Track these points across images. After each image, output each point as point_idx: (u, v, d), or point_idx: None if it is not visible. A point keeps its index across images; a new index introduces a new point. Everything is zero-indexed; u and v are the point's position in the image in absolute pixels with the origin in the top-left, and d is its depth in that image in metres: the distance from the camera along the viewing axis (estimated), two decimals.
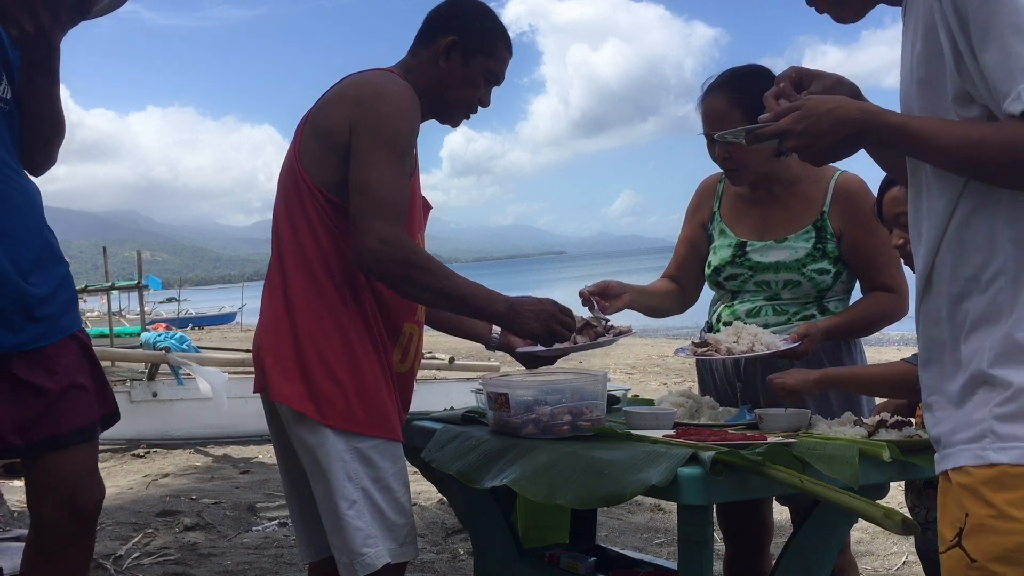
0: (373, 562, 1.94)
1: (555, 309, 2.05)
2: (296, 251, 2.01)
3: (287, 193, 2.04)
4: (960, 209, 1.28)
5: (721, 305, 2.47)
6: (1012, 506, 1.19)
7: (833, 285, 2.34)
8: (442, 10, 2.14)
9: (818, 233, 2.33)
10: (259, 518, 4.82)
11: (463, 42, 2.08)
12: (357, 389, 1.96)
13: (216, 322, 36.62)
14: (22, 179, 2.01)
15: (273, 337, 2.01)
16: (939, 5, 1.24)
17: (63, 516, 2.00)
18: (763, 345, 2.15)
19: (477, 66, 2.11)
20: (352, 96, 1.99)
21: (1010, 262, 1.24)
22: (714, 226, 2.50)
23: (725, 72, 2.35)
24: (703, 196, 2.57)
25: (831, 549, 2.01)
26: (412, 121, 2.00)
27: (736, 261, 2.39)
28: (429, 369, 8.83)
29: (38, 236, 2.01)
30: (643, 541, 4.29)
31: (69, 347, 2.03)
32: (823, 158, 1.39)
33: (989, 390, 1.24)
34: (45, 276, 2.00)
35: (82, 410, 2.03)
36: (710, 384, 2.49)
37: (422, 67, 2.10)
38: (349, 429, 1.95)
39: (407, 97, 1.99)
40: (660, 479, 1.58)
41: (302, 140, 2.03)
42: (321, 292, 1.98)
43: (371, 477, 1.96)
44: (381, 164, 1.92)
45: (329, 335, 1.97)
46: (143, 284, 11.67)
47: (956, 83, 1.25)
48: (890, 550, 4.06)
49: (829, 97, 1.38)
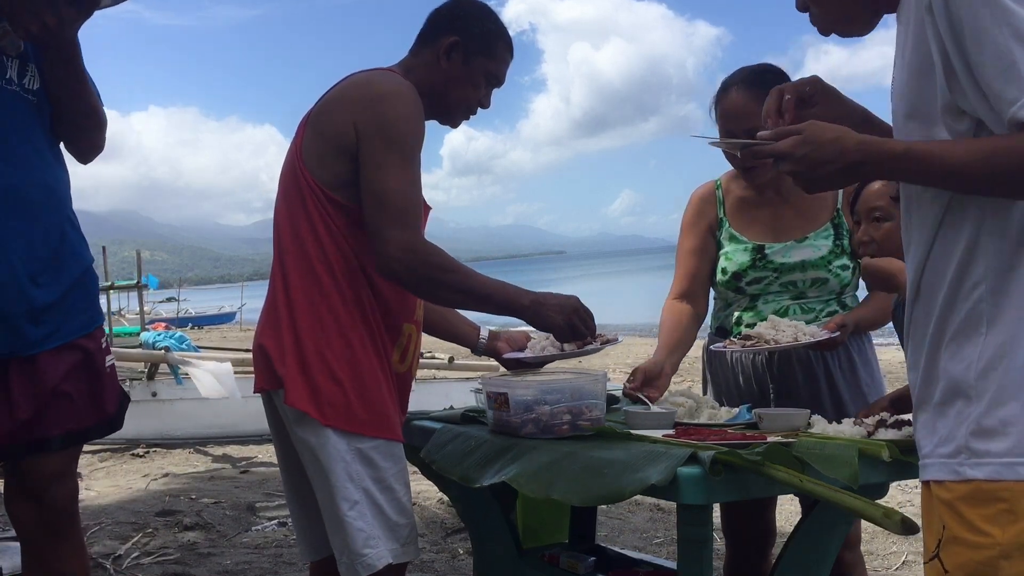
0: (374, 563, 1.93)
1: (579, 305, 2.06)
2: (296, 250, 2.00)
3: (288, 192, 2.04)
4: (947, 219, 1.29)
5: (737, 309, 2.45)
6: (986, 521, 1.21)
7: (852, 280, 2.38)
8: (444, 10, 2.14)
9: (836, 230, 2.36)
10: (259, 518, 4.82)
11: (465, 43, 2.08)
12: (358, 389, 1.96)
13: (216, 322, 36.63)
14: (47, 173, 1.99)
15: (274, 336, 2.00)
16: (930, 19, 1.23)
17: (35, 514, 2.02)
18: (807, 335, 2.15)
19: (478, 67, 2.11)
20: (355, 97, 1.98)
21: (991, 273, 1.24)
22: (723, 232, 2.48)
23: (742, 70, 2.36)
24: (701, 205, 2.53)
25: (831, 549, 2.01)
26: (419, 122, 2.00)
27: (757, 265, 2.38)
28: (429, 369, 8.84)
29: (55, 233, 1.99)
30: (643, 541, 4.29)
31: (67, 353, 2.02)
32: (818, 186, 1.38)
33: (966, 403, 1.25)
34: (59, 276, 1.99)
35: (68, 418, 2.03)
36: (732, 385, 2.45)
37: (423, 67, 2.10)
38: (350, 430, 1.94)
39: (411, 98, 1.98)
40: (660, 479, 1.58)
41: (304, 139, 2.03)
42: (322, 291, 1.98)
43: (373, 478, 1.96)
44: (394, 170, 1.92)
45: (329, 335, 1.96)
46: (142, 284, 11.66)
47: (945, 96, 1.24)
48: (890, 550, 4.06)
49: (831, 126, 1.36)
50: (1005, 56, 1.16)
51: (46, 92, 1.98)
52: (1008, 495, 1.20)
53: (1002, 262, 1.24)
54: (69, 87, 1.98)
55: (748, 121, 2.24)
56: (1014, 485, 1.20)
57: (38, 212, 1.95)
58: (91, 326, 2.09)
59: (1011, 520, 1.19)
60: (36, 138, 1.96)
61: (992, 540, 1.20)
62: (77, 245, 2.06)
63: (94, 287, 2.13)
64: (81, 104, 2.01)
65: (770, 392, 2.36)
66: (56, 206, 2.00)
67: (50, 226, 1.98)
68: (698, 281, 2.52)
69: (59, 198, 2.02)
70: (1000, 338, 1.23)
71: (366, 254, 1.98)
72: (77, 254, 2.05)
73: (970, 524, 1.22)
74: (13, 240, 1.90)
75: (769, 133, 1.41)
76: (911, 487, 4.86)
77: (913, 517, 1.43)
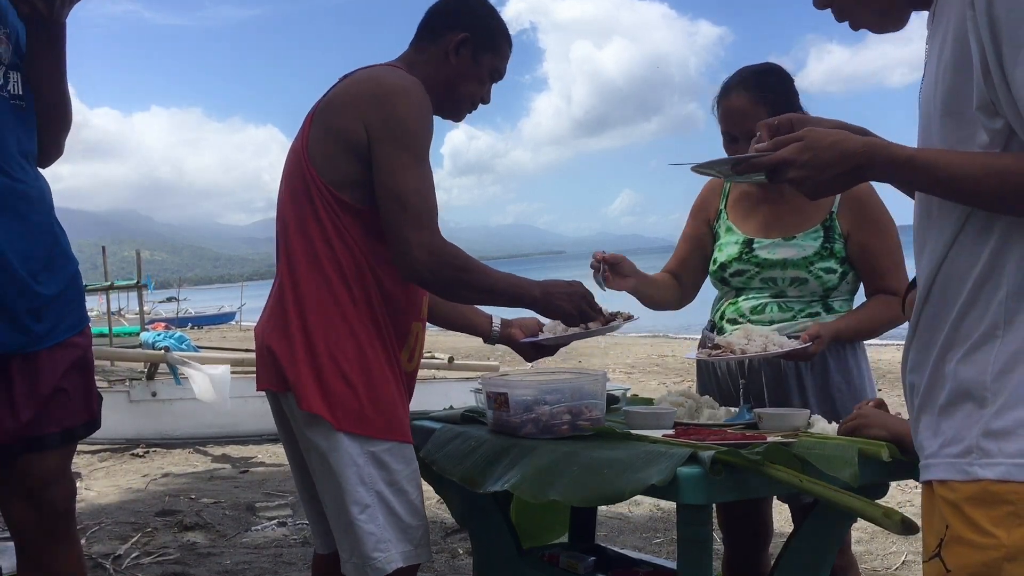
0: (383, 567, 1.92)
1: (584, 290, 2.10)
2: (305, 249, 1.99)
3: (295, 191, 2.02)
4: (972, 221, 1.26)
5: (725, 302, 2.47)
6: (991, 523, 1.20)
7: (839, 285, 2.35)
8: (449, 6, 2.14)
9: (826, 233, 2.34)
10: (258, 518, 4.82)
11: (474, 39, 2.10)
12: (369, 392, 1.94)
13: (215, 322, 36.64)
14: (38, 177, 2.03)
15: (283, 337, 1.97)
16: (972, 14, 1.21)
17: (32, 515, 2.01)
18: (776, 345, 2.15)
19: (485, 63, 2.13)
20: (363, 94, 1.97)
21: (1014, 277, 1.23)
22: (720, 224, 2.51)
23: (742, 70, 2.35)
24: (709, 194, 2.57)
25: (830, 549, 2.01)
26: (428, 119, 1.99)
27: (743, 257, 2.40)
28: (428, 369, 8.83)
29: (49, 234, 2.02)
30: (642, 540, 4.30)
31: (65, 350, 2.04)
32: (822, 191, 1.37)
33: (977, 405, 1.24)
34: (54, 275, 2.01)
35: (66, 415, 2.04)
36: (712, 384, 2.49)
37: (429, 63, 2.10)
38: (363, 433, 1.93)
39: (420, 94, 1.98)
40: (659, 478, 1.58)
41: (310, 138, 2.01)
42: (331, 291, 1.96)
43: (386, 480, 1.94)
44: (409, 170, 1.92)
45: (340, 336, 1.95)
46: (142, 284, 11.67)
47: (982, 93, 1.22)
48: (889, 549, 4.06)
49: (830, 130, 1.36)
50: None
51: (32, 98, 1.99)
52: (1015, 498, 1.19)
53: (1022, 271, 1.22)
54: (48, 72, 1.99)
55: (750, 121, 2.24)
56: (1021, 487, 1.19)
57: (32, 214, 1.97)
58: (83, 324, 2.12)
59: (1017, 523, 1.19)
60: (24, 142, 1.99)
61: (997, 542, 1.19)
62: (66, 247, 2.09)
63: (82, 287, 2.17)
64: (55, 97, 2.03)
65: (740, 391, 2.36)
66: (47, 209, 2.04)
67: (43, 227, 2.01)
68: (686, 266, 2.59)
69: (48, 202, 2.05)
70: (1018, 341, 1.22)
71: (375, 255, 1.98)
72: (67, 255, 2.08)
73: (975, 525, 1.21)
74: (13, 239, 1.92)
75: (766, 144, 1.40)
76: (911, 487, 4.86)
77: (913, 517, 1.43)
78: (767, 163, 1.38)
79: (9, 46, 1.96)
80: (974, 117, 1.24)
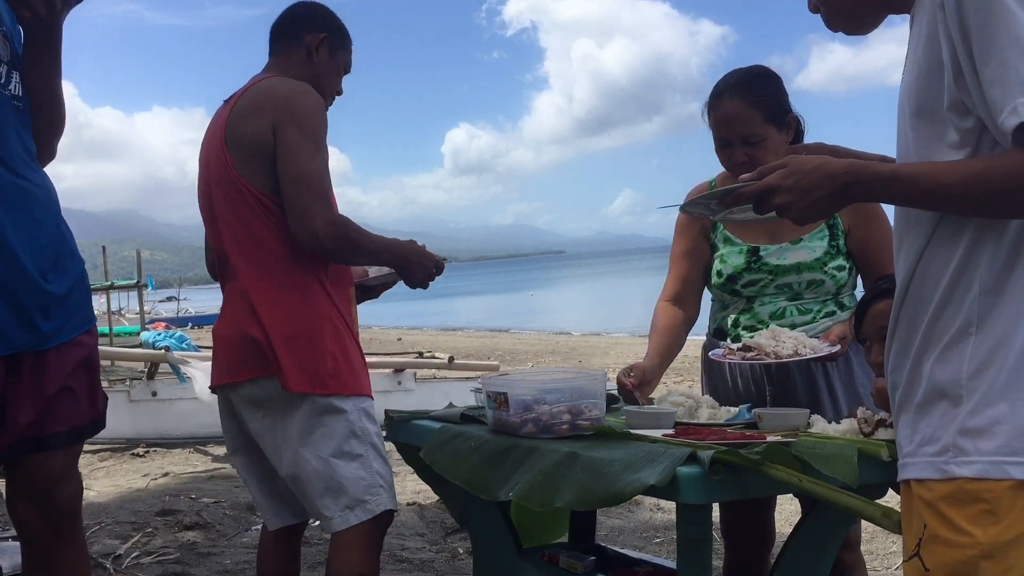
0: (375, 508, 2.16)
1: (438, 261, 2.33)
2: (256, 248, 2.18)
3: (231, 199, 2.19)
4: (945, 222, 1.29)
5: (734, 312, 2.44)
6: (967, 521, 1.22)
7: (848, 280, 2.38)
8: (300, 12, 2.37)
9: (831, 231, 2.35)
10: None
11: (331, 38, 2.35)
12: (344, 356, 2.19)
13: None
14: (43, 175, 2.04)
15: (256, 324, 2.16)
16: (942, 16, 1.24)
17: (39, 514, 2.01)
18: (808, 349, 2.16)
19: (340, 59, 2.39)
20: (265, 104, 2.17)
21: (986, 275, 1.25)
22: (716, 235, 2.47)
23: (733, 74, 2.33)
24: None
25: (830, 549, 2.01)
26: (325, 114, 2.23)
27: (752, 267, 2.38)
28: (428, 369, 8.83)
29: (56, 233, 2.03)
30: (642, 540, 4.30)
31: (73, 349, 2.04)
32: (809, 214, 1.39)
33: (952, 404, 1.26)
34: (63, 274, 2.02)
35: (72, 414, 2.04)
36: (730, 389, 2.45)
37: (298, 64, 2.32)
38: (353, 393, 2.18)
39: (315, 93, 2.21)
40: (659, 479, 1.58)
41: (229, 152, 2.18)
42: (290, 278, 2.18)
43: (375, 432, 2.22)
44: (312, 157, 2.14)
45: (307, 314, 2.17)
46: (142, 283, 11.67)
47: (952, 93, 1.25)
48: (889, 549, 4.06)
49: (811, 156, 1.40)
50: (1004, 63, 1.17)
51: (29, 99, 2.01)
52: (989, 496, 1.21)
53: (997, 262, 1.24)
54: (43, 75, 2.01)
55: (743, 127, 2.23)
56: (995, 485, 1.21)
57: (39, 212, 1.98)
58: (90, 323, 2.12)
59: (992, 521, 1.21)
60: (27, 142, 1.99)
61: (973, 540, 1.21)
62: (73, 245, 2.10)
63: (89, 286, 2.18)
64: (50, 98, 2.04)
65: (767, 397, 2.36)
66: (54, 208, 2.05)
67: (51, 226, 2.02)
68: (689, 284, 2.52)
69: (54, 200, 2.06)
70: (992, 339, 1.23)
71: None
72: (74, 254, 2.09)
73: (951, 524, 1.23)
74: (22, 237, 1.92)
75: (750, 175, 1.43)
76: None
77: None
78: (753, 192, 1.41)
79: (8, 46, 1.96)
80: (945, 117, 1.26)
